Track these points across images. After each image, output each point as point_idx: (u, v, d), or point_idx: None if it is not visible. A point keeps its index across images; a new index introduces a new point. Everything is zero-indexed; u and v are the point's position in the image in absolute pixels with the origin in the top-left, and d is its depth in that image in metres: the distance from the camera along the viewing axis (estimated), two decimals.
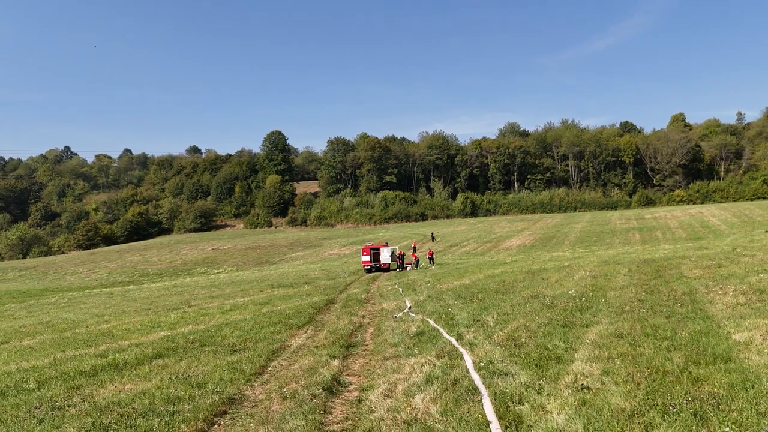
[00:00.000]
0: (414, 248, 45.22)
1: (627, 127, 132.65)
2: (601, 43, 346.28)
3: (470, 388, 6.69)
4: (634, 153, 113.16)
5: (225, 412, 6.84)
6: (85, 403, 7.29)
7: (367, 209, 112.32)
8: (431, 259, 38.72)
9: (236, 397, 7.40)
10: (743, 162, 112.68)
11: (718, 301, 10.97)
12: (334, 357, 9.35)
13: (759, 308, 9.73)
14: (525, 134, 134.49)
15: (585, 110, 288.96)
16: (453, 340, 9.59)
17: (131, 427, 6.31)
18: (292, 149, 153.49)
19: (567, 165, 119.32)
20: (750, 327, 8.42)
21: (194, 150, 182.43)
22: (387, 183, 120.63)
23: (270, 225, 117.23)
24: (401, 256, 37.10)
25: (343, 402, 7.09)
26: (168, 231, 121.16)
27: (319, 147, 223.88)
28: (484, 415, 5.77)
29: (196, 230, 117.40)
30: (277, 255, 65.73)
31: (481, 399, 6.25)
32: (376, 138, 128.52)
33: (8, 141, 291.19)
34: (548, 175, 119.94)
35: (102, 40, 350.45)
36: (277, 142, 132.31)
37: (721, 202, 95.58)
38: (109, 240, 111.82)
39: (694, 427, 4.99)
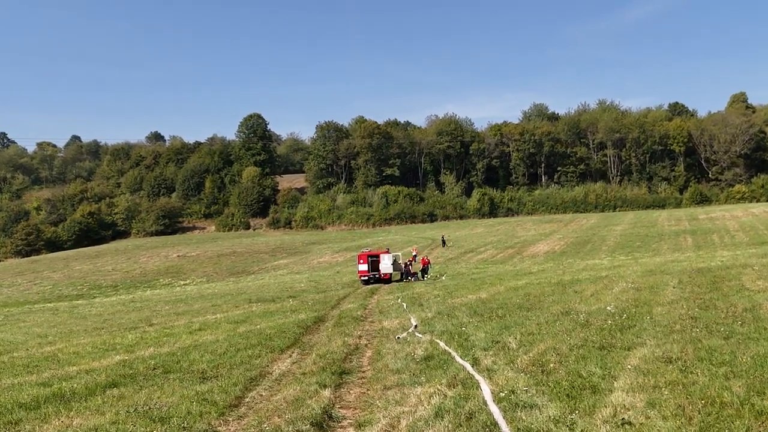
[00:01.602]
0: (414, 256, 45.34)
1: (677, 110, 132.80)
2: (643, 10, 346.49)
3: (488, 423, 6.72)
4: (685, 140, 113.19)
5: None
6: None
7: (365, 208, 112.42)
8: (425, 269, 38.02)
9: None
10: None
11: None
12: (325, 386, 9.39)
13: None
14: (554, 118, 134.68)
15: (626, 90, 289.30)
16: (467, 366, 9.63)
17: None
18: (274, 136, 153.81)
19: (605, 155, 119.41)
20: None
21: (156, 137, 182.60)
22: (388, 177, 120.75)
23: (247, 227, 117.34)
24: (406, 264, 37.21)
25: None
26: (125, 234, 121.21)
27: (307, 133, 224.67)
28: None
29: (158, 233, 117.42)
30: (255, 263, 65.90)
31: None
32: (375, 123, 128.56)
33: None
34: (582, 167, 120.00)
35: (44, 7, 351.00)
36: (255, 128, 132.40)
37: None
38: (54, 245, 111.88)
39: None
